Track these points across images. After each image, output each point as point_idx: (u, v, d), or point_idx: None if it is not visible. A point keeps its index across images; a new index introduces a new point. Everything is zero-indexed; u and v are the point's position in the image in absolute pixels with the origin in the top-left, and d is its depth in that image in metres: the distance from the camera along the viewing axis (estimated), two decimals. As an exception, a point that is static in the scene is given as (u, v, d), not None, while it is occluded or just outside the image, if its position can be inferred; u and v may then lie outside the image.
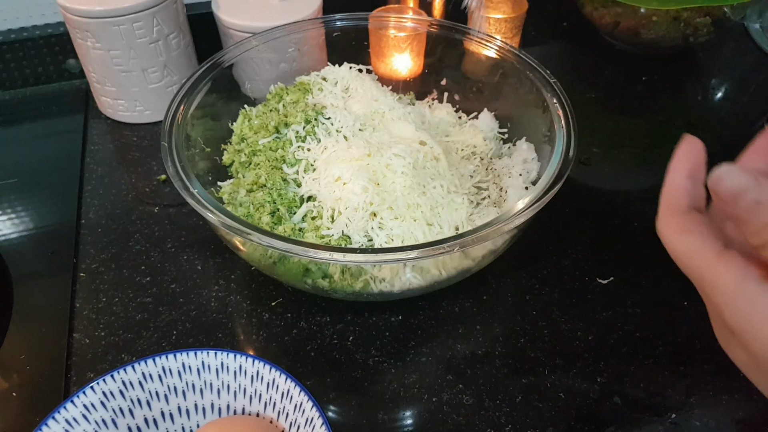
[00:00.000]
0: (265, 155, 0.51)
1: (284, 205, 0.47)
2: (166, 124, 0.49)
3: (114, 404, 0.37)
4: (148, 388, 0.38)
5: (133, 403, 0.38)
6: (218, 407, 0.39)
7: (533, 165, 0.54)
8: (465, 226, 0.47)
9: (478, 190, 0.53)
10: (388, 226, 0.45)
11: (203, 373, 0.38)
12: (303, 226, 0.47)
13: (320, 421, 0.34)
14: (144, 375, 0.38)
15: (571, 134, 0.48)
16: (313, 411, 0.34)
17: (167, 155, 0.46)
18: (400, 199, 0.46)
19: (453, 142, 0.57)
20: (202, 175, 0.50)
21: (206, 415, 0.39)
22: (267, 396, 0.38)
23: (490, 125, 0.59)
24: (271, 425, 0.38)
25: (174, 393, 0.38)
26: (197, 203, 0.42)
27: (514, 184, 0.52)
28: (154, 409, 0.38)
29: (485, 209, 0.50)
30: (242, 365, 0.38)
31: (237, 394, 0.39)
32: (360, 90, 0.57)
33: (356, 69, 0.60)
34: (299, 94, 0.57)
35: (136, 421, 0.38)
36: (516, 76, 0.56)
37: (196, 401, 0.39)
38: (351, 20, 0.62)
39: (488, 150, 0.57)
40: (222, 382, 0.39)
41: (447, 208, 0.47)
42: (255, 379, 0.38)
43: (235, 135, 0.56)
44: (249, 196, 0.49)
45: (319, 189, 0.47)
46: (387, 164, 0.47)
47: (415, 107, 0.59)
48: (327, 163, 0.48)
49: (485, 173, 0.55)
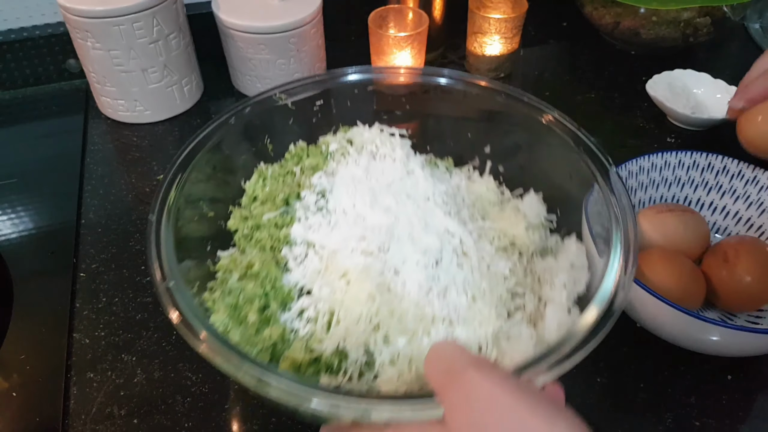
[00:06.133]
0: (269, 232, 0.45)
1: (277, 300, 0.41)
2: (157, 198, 0.41)
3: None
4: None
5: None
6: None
7: (582, 274, 0.43)
8: (489, 346, 0.39)
9: (512, 296, 0.43)
10: (394, 341, 0.38)
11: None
12: (295, 326, 0.40)
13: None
14: None
15: (630, 244, 0.38)
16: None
17: (152, 250, 0.38)
18: (412, 308, 0.39)
19: (489, 228, 0.47)
20: (198, 248, 0.44)
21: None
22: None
23: (536, 210, 0.49)
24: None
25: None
26: (180, 327, 0.34)
27: (556, 300, 0.42)
28: None
29: (517, 326, 0.41)
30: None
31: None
32: (389, 158, 0.49)
33: (388, 132, 0.52)
34: (320, 159, 0.50)
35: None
36: (571, 156, 0.46)
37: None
38: (378, 73, 0.53)
39: (530, 243, 0.46)
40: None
41: (469, 321, 0.39)
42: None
43: (246, 197, 0.49)
44: (241, 281, 0.42)
45: (319, 283, 0.41)
46: (404, 260, 0.41)
47: (451, 179, 0.51)
48: (334, 252, 0.42)
49: (523, 275, 0.44)
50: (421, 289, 0.40)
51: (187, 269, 0.41)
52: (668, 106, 0.66)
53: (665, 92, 0.68)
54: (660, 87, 0.69)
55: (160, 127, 0.68)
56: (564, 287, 0.42)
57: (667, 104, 0.66)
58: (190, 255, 0.42)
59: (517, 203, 0.50)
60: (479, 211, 0.49)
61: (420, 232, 0.43)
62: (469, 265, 0.43)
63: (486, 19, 0.69)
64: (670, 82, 0.69)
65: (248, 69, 0.68)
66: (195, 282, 0.41)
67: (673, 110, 0.66)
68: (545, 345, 0.38)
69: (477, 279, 0.42)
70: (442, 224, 0.44)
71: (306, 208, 0.46)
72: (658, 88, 0.68)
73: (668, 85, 0.69)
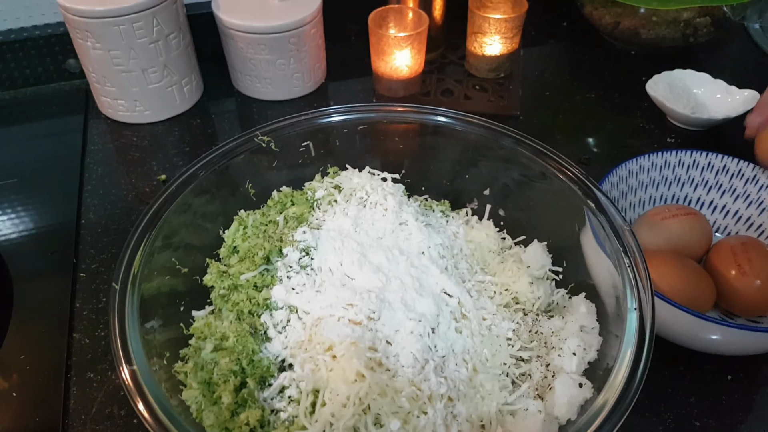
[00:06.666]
0: (247, 294, 0.41)
1: (255, 378, 0.37)
2: (122, 258, 0.38)
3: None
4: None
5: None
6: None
7: (593, 339, 0.40)
8: (494, 425, 0.36)
9: (517, 362, 0.40)
10: (386, 423, 0.34)
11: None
12: (276, 405, 0.36)
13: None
14: None
15: (645, 318, 0.35)
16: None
17: (115, 316, 0.35)
18: (406, 386, 0.36)
19: (490, 283, 0.44)
20: (170, 307, 0.41)
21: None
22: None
23: (541, 261, 0.45)
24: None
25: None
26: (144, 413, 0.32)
27: (566, 369, 0.38)
28: None
29: (523, 400, 0.37)
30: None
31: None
32: (380, 207, 0.46)
33: (379, 177, 0.49)
34: (305, 207, 0.47)
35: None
36: (576, 204, 0.43)
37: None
38: (369, 112, 0.50)
39: (535, 300, 0.43)
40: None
41: (471, 397, 0.36)
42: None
43: (225, 247, 0.46)
44: (215, 353, 0.38)
45: (301, 356, 0.37)
46: (396, 328, 0.38)
47: (447, 226, 0.48)
48: (319, 320, 0.39)
49: (528, 337, 0.41)
50: (416, 362, 0.36)
51: (156, 331, 0.38)
52: (668, 106, 0.66)
53: (665, 92, 0.68)
54: (660, 87, 0.69)
55: (160, 127, 0.68)
56: (574, 354, 0.38)
57: (667, 104, 0.66)
58: (160, 315, 0.39)
59: (519, 252, 0.47)
60: (478, 262, 0.46)
61: (414, 295, 0.40)
62: (468, 328, 0.40)
63: (486, 19, 0.69)
64: (670, 82, 0.69)
65: (248, 69, 0.68)
66: (164, 353, 0.38)
67: (673, 110, 0.66)
68: (555, 422, 0.35)
69: (478, 345, 0.39)
70: (439, 284, 0.42)
71: (288, 267, 0.43)
72: (658, 88, 0.68)
73: (668, 85, 0.69)
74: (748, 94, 0.65)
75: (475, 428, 0.35)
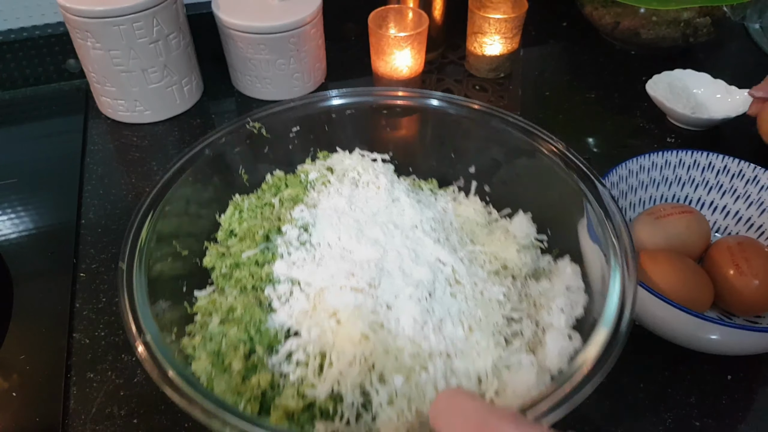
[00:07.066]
0: (249, 270, 0.43)
1: (263, 345, 0.39)
2: (126, 241, 0.40)
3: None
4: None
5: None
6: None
7: (579, 296, 0.42)
8: (490, 378, 0.38)
9: (509, 322, 0.42)
10: (390, 380, 0.36)
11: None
12: (285, 370, 0.38)
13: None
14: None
15: (629, 263, 0.37)
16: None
17: (125, 303, 0.36)
18: (407, 345, 0.38)
19: (480, 253, 0.46)
20: (173, 288, 0.42)
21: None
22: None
23: (526, 231, 0.48)
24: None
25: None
26: (159, 380, 0.33)
27: (555, 325, 0.41)
28: None
29: (516, 355, 0.39)
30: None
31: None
32: (372, 186, 0.48)
33: (370, 157, 0.51)
34: (299, 189, 0.49)
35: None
36: (559, 175, 0.45)
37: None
38: (360, 96, 0.52)
39: (523, 266, 0.45)
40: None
41: (467, 353, 0.38)
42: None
43: (222, 231, 0.47)
44: (223, 326, 0.40)
45: (307, 323, 0.39)
46: (396, 294, 0.40)
47: (437, 203, 0.50)
48: (322, 290, 0.40)
49: (518, 299, 0.43)
50: (415, 323, 0.38)
51: (163, 312, 0.39)
52: (668, 106, 0.66)
53: (665, 92, 0.68)
54: (660, 87, 0.69)
55: (160, 127, 0.68)
56: (562, 311, 0.41)
57: (667, 104, 0.66)
58: (165, 296, 0.40)
59: (506, 224, 0.49)
60: (468, 235, 0.48)
61: (410, 263, 0.42)
62: (462, 293, 0.41)
63: (486, 19, 0.69)
64: (670, 82, 0.69)
65: (248, 69, 0.68)
66: (172, 328, 0.39)
67: (673, 110, 0.66)
68: (547, 373, 0.37)
69: (472, 308, 0.41)
70: (433, 253, 0.43)
71: (288, 244, 0.44)
72: (658, 88, 0.68)
73: (668, 85, 0.69)
74: (748, 94, 0.65)
75: (473, 382, 0.37)
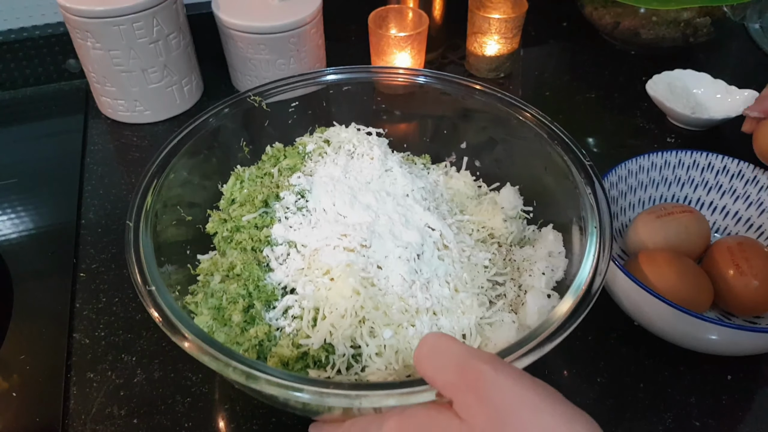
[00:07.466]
0: (249, 233, 0.45)
1: (261, 300, 0.41)
2: (134, 203, 0.41)
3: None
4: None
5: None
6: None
7: (560, 261, 0.45)
8: (473, 334, 0.40)
9: (493, 285, 0.45)
10: (379, 333, 0.39)
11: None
12: (281, 324, 0.40)
13: None
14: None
15: (605, 230, 0.39)
16: None
17: (131, 254, 0.38)
18: (396, 301, 0.40)
19: (468, 221, 0.49)
20: (178, 251, 0.45)
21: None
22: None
23: (513, 202, 0.51)
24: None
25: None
26: (163, 324, 0.36)
27: (536, 286, 0.44)
28: None
29: (499, 314, 0.42)
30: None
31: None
32: (366, 157, 0.51)
33: (365, 131, 0.53)
34: (297, 159, 0.51)
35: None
36: (545, 149, 0.47)
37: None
38: (356, 72, 0.54)
39: (508, 234, 0.48)
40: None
41: (453, 311, 0.41)
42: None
43: (224, 200, 0.50)
44: (224, 283, 0.43)
45: (302, 281, 0.41)
46: (386, 255, 0.42)
47: (428, 176, 0.53)
48: (316, 250, 0.43)
49: (503, 264, 0.46)
50: (404, 282, 0.41)
51: (168, 274, 0.41)
52: (668, 106, 0.66)
53: (665, 92, 0.68)
54: (660, 87, 0.69)
55: (160, 127, 0.68)
56: (543, 274, 0.44)
57: (667, 104, 0.66)
58: (170, 259, 0.42)
59: (494, 196, 0.52)
60: (457, 206, 0.51)
61: (401, 227, 0.44)
62: (450, 257, 0.44)
63: (486, 19, 0.69)
64: (670, 82, 0.69)
65: (248, 69, 0.68)
66: (176, 286, 0.41)
67: (673, 110, 0.66)
68: (527, 329, 0.39)
69: (458, 270, 0.43)
70: (422, 219, 0.46)
71: (286, 209, 0.46)
72: (658, 88, 0.68)
73: (668, 85, 0.69)
74: (748, 94, 0.65)
75: (457, 337, 0.39)
